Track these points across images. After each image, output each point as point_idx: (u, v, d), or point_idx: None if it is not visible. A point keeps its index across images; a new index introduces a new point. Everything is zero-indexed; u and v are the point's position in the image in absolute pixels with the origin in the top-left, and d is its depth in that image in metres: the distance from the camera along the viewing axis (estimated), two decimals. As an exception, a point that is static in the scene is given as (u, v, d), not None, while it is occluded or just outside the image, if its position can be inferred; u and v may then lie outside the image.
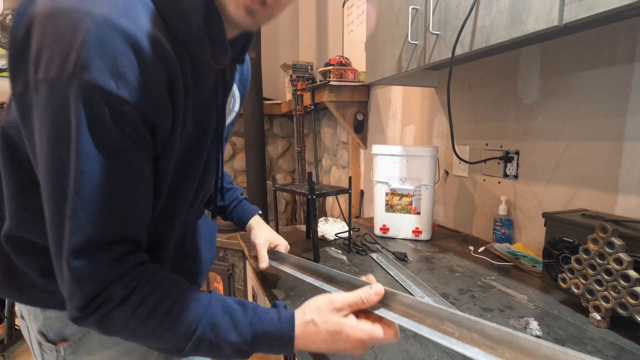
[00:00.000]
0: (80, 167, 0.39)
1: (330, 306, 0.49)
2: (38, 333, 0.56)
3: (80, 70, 0.36)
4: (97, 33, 0.37)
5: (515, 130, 1.15)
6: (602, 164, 0.91)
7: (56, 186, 0.40)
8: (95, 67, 0.37)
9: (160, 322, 0.44)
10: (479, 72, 1.27)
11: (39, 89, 0.38)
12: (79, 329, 0.55)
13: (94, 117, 0.38)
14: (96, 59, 0.37)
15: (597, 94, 0.91)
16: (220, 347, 0.46)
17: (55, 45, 0.37)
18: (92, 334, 0.56)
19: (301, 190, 1.10)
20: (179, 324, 0.44)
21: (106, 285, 0.42)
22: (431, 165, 1.23)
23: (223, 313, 0.46)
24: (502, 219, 1.18)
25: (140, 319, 0.43)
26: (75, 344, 0.56)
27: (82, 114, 0.38)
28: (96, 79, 0.37)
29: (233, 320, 0.46)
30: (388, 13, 1.15)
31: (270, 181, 2.77)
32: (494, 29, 0.76)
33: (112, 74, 0.38)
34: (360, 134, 2.13)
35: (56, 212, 0.41)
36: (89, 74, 0.37)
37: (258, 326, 0.47)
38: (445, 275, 0.96)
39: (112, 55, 0.37)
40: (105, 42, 0.37)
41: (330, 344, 0.48)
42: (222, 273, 2.27)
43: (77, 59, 0.36)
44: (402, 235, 1.31)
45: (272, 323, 0.47)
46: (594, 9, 0.58)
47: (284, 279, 0.94)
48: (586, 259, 0.71)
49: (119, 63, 0.38)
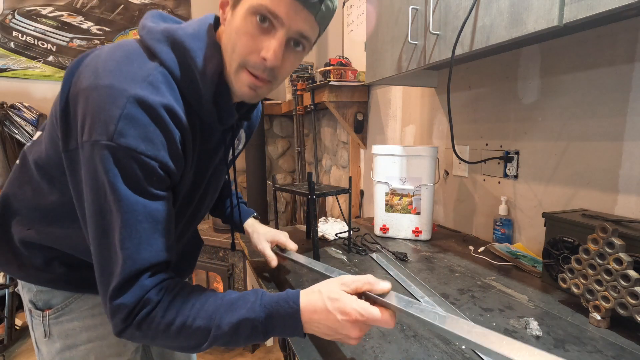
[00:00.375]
0: (124, 208, 0.49)
1: (339, 281, 0.54)
2: (29, 302, 0.69)
3: (118, 137, 0.47)
4: (131, 108, 0.48)
5: (515, 130, 1.15)
6: (602, 164, 0.91)
7: (97, 225, 0.51)
8: (130, 134, 0.48)
9: (187, 315, 0.51)
10: (479, 72, 1.27)
11: (83, 148, 0.49)
12: (63, 300, 0.68)
13: (127, 170, 0.49)
14: (131, 128, 0.48)
15: (597, 94, 0.91)
16: (237, 328, 0.51)
17: (97, 115, 0.48)
18: (73, 305, 0.68)
19: (301, 190, 1.10)
20: (203, 313, 0.52)
21: (142, 296, 0.51)
22: (431, 165, 1.23)
23: (237, 298, 0.54)
24: (502, 219, 1.18)
25: (172, 315, 0.51)
26: (58, 311, 0.68)
27: (118, 168, 0.49)
28: (130, 143, 0.48)
29: (245, 300, 0.53)
30: (388, 13, 1.15)
31: (270, 181, 2.77)
32: (494, 29, 0.76)
33: (143, 139, 0.49)
34: (360, 134, 2.13)
35: (98, 245, 0.52)
36: (125, 139, 0.48)
37: (268, 300, 0.53)
38: (445, 275, 0.96)
39: (142, 125, 0.49)
40: (137, 116, 0.49)
41: (329, 313, 0.51)
42: (222, 273, 2.27)
43: (115, 129, 0.47)
44: (402, 235, 1.31)
45: (280, 296, 0.54)
46: (594, 9, 0.58)
47: (284, 279, 0.94)
48: (586, 259, 0.71)
49: (147, 131, 0.50)
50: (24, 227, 0.64)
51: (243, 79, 0.57)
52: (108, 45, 0.56)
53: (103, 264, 0.52)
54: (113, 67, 0.50)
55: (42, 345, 0.69)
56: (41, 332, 0.68)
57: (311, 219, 1.04)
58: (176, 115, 0.53)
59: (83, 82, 0.50)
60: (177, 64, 0.55)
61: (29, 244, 0.65)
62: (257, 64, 0.55)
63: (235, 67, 0.57)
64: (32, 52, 2.51)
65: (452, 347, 0.64)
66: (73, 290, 0.68)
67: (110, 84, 0.49)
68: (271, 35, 0.54)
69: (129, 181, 0.49)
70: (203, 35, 0.57)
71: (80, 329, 0.69)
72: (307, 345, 0.64)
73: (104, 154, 0.48)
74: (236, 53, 0.56)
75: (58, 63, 2.58)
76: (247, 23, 0.54)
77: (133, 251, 0.50)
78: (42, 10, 2.50)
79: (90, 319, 0.69)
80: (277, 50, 0.54)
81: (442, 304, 0.79)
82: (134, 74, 0.50)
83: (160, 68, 0.53)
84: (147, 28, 0.57)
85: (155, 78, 0.52)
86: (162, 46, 0.55)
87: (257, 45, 0.55)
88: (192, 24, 0.59)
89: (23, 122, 2.33)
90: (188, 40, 0.55)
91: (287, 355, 1.00)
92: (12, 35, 2.45)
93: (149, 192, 0.52)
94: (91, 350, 0.69)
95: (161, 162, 0.51)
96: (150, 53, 0.54)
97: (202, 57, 0.55)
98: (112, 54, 0.53)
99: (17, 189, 0.64)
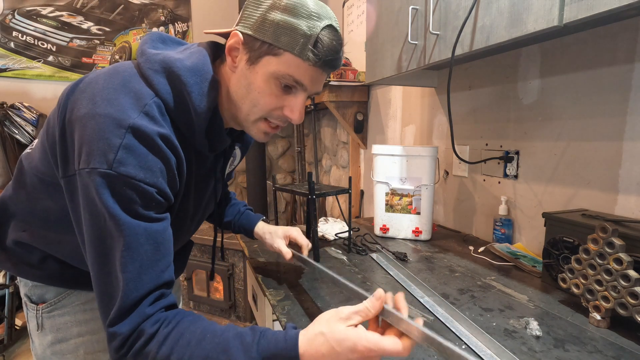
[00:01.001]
0: (125, 232, 0.50)
1: (337, 316, 0.50)
2: (25, 296, 0.72)
3: (117, 165, 0.48)
4: (130, 138, 0.49)
5: (515, 130, 1.15)
6: (602, 164, 0.91)
7: (97, 250, 0.52)
8: (129, 163, 0.49)
9: (183, 354, 0.50)
10: (479, 72, 1.27)
11: (81, 175, 0.50)
12: (56, 295, 0.69)
13: (125, 196, 0.50)
14: (130, 157, 0.49)
15: (597, 94, 0.91)
16: None
17: (95, 143, 0.49)
18: (66, 300, 0.70)
19: (301, 190, 1.10)
20: (198, 352, 0.50)
21: (138, 325, 0.51)
22: (431, 165, 1.23)
23: (234, 338, 0.51)
24: (502, 219, 1.18)
25: (167, 351, 0.50)
26: (51, 306, 0.69)
27: (116, 195, 0.49)
28: (130, 172, 0.49)
29: (243, 343, 0.50)
30: (388, 13, 1.15)
31: (270, 181, 2.77)
32: (494, 29, 0.75)
33: (142, 167, 0.50)
34: (360, 134, 2.13)
35: (99, 271, 0.52)
36: (125, 168, 0.49)
37: (264, 346, 0.50)
38: (445, 275, 0.96)
39: (141, 155, 0.50)
40: (136, 145, 0.50)
41: (338, 355, 0.48)
42: (222, 273, 2.27)
43: (114, 157, 0.48)
44: (402, 235, 1.31)
45: (278, 342, 0.50)
46: (594, 9, 0.58)
47: (284, 279, 0.94)
48: (586, 259, 0.71)
49: (146, 160, 0.51)
50: (19, 230, 0.66)
51: (261, 127, 0.62)
52: (104, 69, 0.57)
53: (103, 288, 0.52)
54: (111, 96, 0.51)
55: (35, 337, 0.72)
56: (35, 325, 0.70)
57: (311, 219, 1.04)
58: (171, 142, 0.54)
59: (80, 109, 0.51)
60: (172, 96, 0.56)
61: (23, 244, 0.67)
62: (280, 117, 0.61)
63: (255, 118, 0.61)
64: (32, 52, 2.51)
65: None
66: (66, 287, 0.70)
67: (108, 113, 0.49)
68: (293, 95, 0.59)
69: (127, 207, 0.50)
70: (201, 69, 0.58)
71: (72, 324, 0.70)
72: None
73: (102, 182, 0.49)
74: (259, 108, 0.60)
75: (58, 63, 2.58)
76: (270, 85, 0.58)
77: (135, 275, 0.51)
78: (42, 10, 2.50)
79: (82, 314, 0.71)
80: (301, 110, 0.60)
81: (442, 304, 0.79)
82: (131, 104, 0.51)
83: (156, 98, 0.54)
84: (146, 55, 0.57)
85: (151, 108, 0.53)
86: (159, 77, 0.55)
87: (280, 103, 0.59)
88: (192, 56, 0.59)
89: (23, 122, 2.33)
90: (185, 74, 0.56)
91: None
92: (12, 35, 2.45)
93: (148, 216, 0.52)
94: (81, 344, 0.71)
95: (159, 188, 0.53)
96: (147, 81, 0.55)
97: (197, 92, 0.57)
98: (109, 81, 0.53)
99: (13, 193, 0.66)
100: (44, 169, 0.60)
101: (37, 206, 0.63)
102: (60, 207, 0.59)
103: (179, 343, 0.50)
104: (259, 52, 0.56)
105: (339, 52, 0.58)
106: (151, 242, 0.53)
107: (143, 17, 2.81)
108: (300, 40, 0.54)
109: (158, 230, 0.54)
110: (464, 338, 0.66)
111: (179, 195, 0.61)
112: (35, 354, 0.73)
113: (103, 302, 0.52)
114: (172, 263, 0.57)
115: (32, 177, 0.62)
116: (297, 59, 0.55)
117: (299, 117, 0.60)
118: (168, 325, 0.52)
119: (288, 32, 0.54)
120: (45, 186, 0.61)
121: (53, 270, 0.67)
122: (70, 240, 0.61)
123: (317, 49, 0.55)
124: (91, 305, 0.71)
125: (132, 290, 0.50)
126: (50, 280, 0.69)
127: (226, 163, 0.76)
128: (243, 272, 2.20)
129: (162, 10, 2.86)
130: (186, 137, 0.59)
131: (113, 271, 0.51)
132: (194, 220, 0.74)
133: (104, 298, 0.52)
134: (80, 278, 0.67)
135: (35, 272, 0.68)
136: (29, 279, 0.69)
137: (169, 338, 0.51)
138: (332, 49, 0.56)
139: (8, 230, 0.67)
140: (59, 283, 0.69)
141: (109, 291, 0.52)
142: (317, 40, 0.55)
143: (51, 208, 0.62)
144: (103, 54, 2.71)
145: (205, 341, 0.51)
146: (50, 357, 0.71)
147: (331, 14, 0.58)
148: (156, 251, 0.53)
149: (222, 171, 0.75)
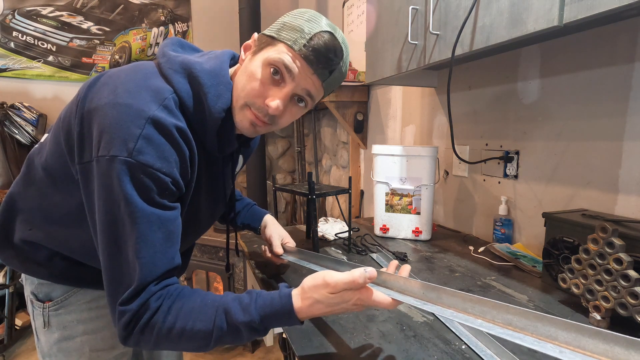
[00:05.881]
0: (139, 219, 0.52)
1: (324, 282, 0.55)
2: (31, 294, 0.72)
3: (137, 154, 0.51)
4: (149, 129, 0.52)
5: (515, 130, 1.15)
6: (602, 164, 0.91)
7: (109, 235, 0.54)
8: (148, 152, 0.52)
9: (187, 320, 0.54)
10: (479, 72, 1.27)
11: (99, 162, 0.51)
12: (63, 293, 0.70)
13: (143, 184, 0.52)
14: (149, 147, 0.52)
15: (597, 94, 0.91)
16: (238, 330, 0.54)
17: (116, 131, 0.51)
18: (72, 298, 0.71)
19: (301, 190, 1.10)
20: (202, 317, 0.54)
21: (147, 300, 0.54)
22: (431, 165, 1.23)
23: (233, 301, 0.56)
24: (502, 219, 1.18)
25: (172, 320, 0.54)
26: (57, 304, 0.71)
27: (134, 182, 0.51)
28: (148, 160, 0.52)
29: (241, 304, 0.55)
30: (388, 13, 1.15)
31: (270, 181, 2.77)
32: (494, 29, 0.75)
33: (159, 157, 0.53)
34: (360, 134, 2.13)
35: (109, 255, 0.54)
36: (143, 157, 0.51)
37: (261, 303, 0.55)
38: (445, 275, 0.96)
39: (159, 145, 0.53)
40: (154, 136, 0.53)
41: (332, 306, 0.55)
42: (222, 273, 2.27)
43: (134, 146, 0.51)
44: (402, 235, 1.31)
45: (273, 300, 0.56)
46: (594, 9, 0.58)
47: (284, 279, 0.94)
48: (586, 259, 0.71)
49: (163, 150, 0.54)
50: (26, 227, 0.67)
51: (246, 115, 0.62)
52: (126, 66, 0.61)
53: (113, 273, 0.54)
54: (132, 89, 0.54)
55: (41, 335, 0.73)
56: (41, 323, 0.72)
57: (311, 219, 1.04)
58: (186, 135, 0.57)
59: (102, 99, 0.54)
60: (189, 95, 0.59)
61: (30, 242, 0.67)
62: (261, 108, 0.61)
63: (241, 103, 0.62)
64: (32, 52, 2.51)
65: (452, 347, 0.64)
66: (72, 285, 0.71)
67: (130, 104, 0.52)
68: (279, 88, 0.61)
69: (144, 195, 0.53)
70: (218, 73, 0.62)
71: (77, 322, 0.72)
72: (307, 346, 0.64)
73: (122, 169, 0.51)
74: (244, 92, 0.61)
75: (58, 63, 2.58)
76: (262, 71, 0.60)
77: (149, 260, 0.53)
78: (42, 10, 2.50)
79: (87, 312, 0.72)
80: (281, 102, 0.61)
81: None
82: (151, 97, 0.54)
83: (174, 95, 0.58)
84: (167, 57, 0.61)
85: (170, 102, 0.56)
86: (179, 77, 0.59)
87: (264, 92, 0.61)
88: (210, 60, 0.63)
89: (23, 122, 2.33)
90: (203, 76, 0.60)
91: (287, 355, 1.00)
92: (12, 35, 2.45)
93: (162, 204, 0.55)
94: (86, 342, 0.72)
95: (173, 178, 0.56)
96: (167, 80, 0.59)
97: (213, 94, 0.60)
98: (132, 75, 0.57)
99: (22, 190, 0.67)
100: (54, 162, 0.61)
101: (46, 201, 0.64)
102: (69, 202, 0.61)
103: (182, 310, 0.54)
104: (262, 45, 0.62)
105: (333, 52, 0.60)
106: (164, 229, 0.55)
107: (143, 17, 2.81)
108: (297, 34, 0.59)
109: (170, 219, 0.56)
110: (464, 338, 0.66)
111: (190, 191, 0.63)
112: (40, 351, 0.74)
113: (112, 286, 0.54)
114: (179, 251, 0.60)
115: (41, 172, 0.63)
116: (290, 49, 0.59)
117: (276, 106, 0.60)
118: (170, 297, 0.55)
119: (290, 29, 0.60)
120: (53, 181, 0.62)
121: (60, 269, 0.68)
122: (78, 236, 0.63)
123: (309, 43, 0.59)
124: (96, 303, 0.73)
125: (147, 275, 0.53)
126: (57, 279, 0.70)
127: (235, 166, 0.80)
128: (243, 272, 2.20)
129: (162, 10, 2.86)
130: (198, 136, 0.61)
131: (124, 256, 0.53)
132: (204, 220, 0.76)
133: (113, 282, 0.54)
134: (86, 276, 0.69)
135: (42, 270, 0.69)
136: (36, 277, 0.70)
137: (172, 308, 0.54)
138: (325, 46, 0.59)
139: (15, 228, 0.68)
140: (65, 281, 0.70)
141: (119, 276, 0.54)
142: (312, 37, 0.59)
143: (59, 203, 0.63)
144: (103, 54, 2.71)
145: (207, 306, 0.55)
146: (57, 354, 0.72)
147: (339, 31, 0.62)
148: (168, 238, 0.56)
149: (231, 173, 0.78)
